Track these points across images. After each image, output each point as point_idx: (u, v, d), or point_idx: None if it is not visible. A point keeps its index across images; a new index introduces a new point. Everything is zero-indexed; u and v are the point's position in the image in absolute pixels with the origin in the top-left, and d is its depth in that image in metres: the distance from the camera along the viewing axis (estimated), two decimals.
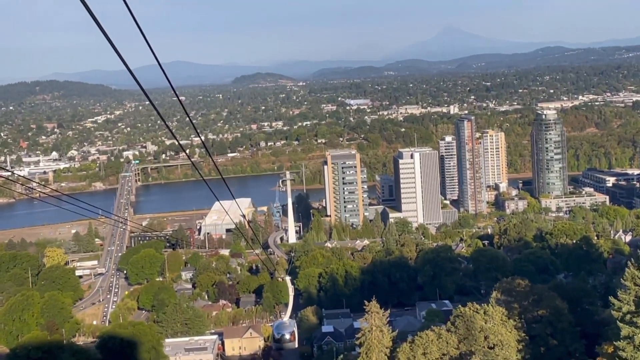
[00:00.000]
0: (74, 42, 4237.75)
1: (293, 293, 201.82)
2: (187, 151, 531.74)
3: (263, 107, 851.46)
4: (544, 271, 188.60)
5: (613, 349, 75.46)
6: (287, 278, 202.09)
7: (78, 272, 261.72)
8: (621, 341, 72.27)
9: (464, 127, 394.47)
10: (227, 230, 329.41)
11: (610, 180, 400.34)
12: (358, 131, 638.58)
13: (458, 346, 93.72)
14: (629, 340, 71.55)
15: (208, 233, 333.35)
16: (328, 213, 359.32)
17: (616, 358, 73.29)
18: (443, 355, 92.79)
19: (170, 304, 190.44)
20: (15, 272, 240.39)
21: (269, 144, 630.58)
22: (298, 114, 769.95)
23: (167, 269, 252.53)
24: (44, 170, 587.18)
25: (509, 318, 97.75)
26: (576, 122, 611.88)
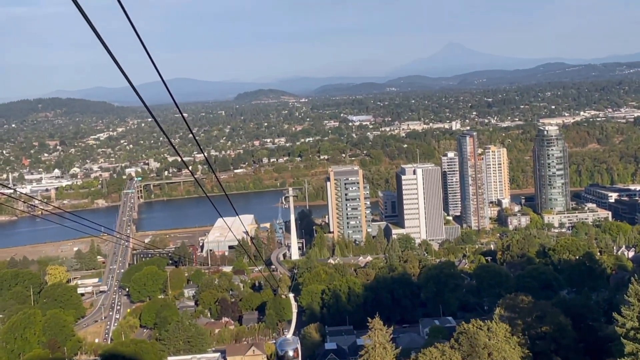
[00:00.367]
0: (77, 60, 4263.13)
1: (296, 310, 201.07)
2: (190, 168, 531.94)
3: (265, 124, 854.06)
4: (547, 287, 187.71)
5: None
6: (290, 295, 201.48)
7: (80, 290, 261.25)
8: (625, 358, 71.98)
9: (466, 143, 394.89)
10: (230, 247, 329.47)
11: (612, 196, 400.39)
12: (360, 147, 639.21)
13: None
14: (633, 356, 71.23)
15: (210, 250, 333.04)
16: (331, 229, 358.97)
17: None
18: None
19: (172, 322, 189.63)
20: (17, 290, 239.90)
21: (272, 161, 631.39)
22: (300, 130, 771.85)
23: (170, 286, 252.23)
24: (46, 187, 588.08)
25: (513, 334, 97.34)
26: (578, 138, 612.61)
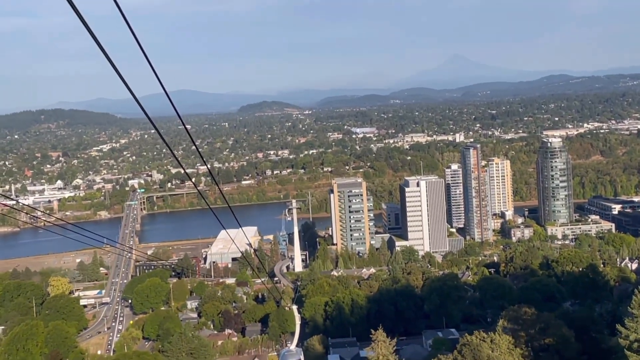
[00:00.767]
0: (80, 71, 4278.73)
1: (299, 322, 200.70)
2: (193, 180, 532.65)
3: (269, 136, 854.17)
4: (551, 299, 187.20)
5: None
6: (294, 307, 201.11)
7: (82, 302, 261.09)
8: None
9: (470, 155, 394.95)
10: (233, 259, 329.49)
11: (616, 207, 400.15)
12: (364, 159, 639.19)
13: None
14: None
15: (214, 262, 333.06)
16: (334, 241, 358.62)
17: None
18: None
19: (175, 334, 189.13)
20: (19, 302, 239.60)
21: (275, 173, 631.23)
22: (304, 143, 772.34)
23: (173, 298, 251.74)
24: (49, 199, 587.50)
25: (516, 346, 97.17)
26: (581, 150, 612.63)
